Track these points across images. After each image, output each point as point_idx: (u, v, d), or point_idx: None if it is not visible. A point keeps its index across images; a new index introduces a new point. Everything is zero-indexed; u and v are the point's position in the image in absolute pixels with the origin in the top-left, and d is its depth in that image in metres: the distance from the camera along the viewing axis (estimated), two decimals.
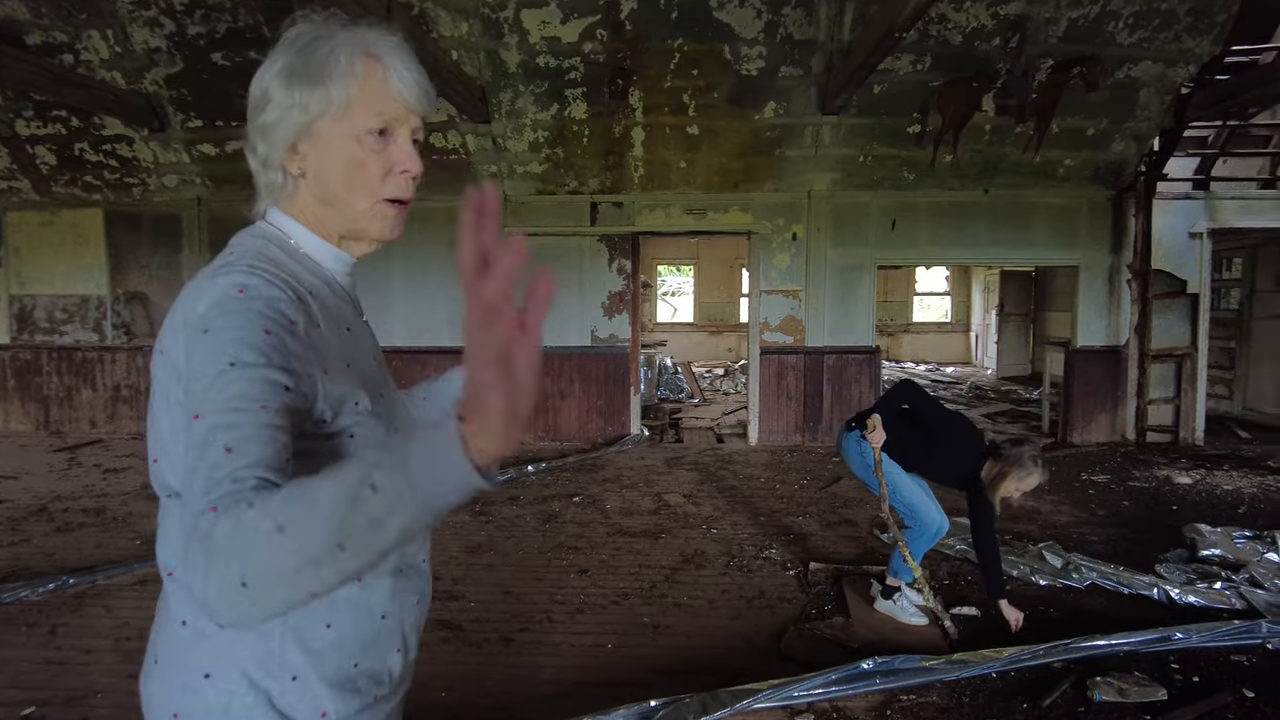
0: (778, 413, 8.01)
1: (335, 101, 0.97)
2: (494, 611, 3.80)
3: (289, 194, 1.02)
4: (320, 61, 0.97)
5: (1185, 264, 7.94)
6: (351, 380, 0.98)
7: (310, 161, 1.00)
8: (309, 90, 0.96)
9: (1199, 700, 2.87)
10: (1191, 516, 5.27)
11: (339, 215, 1.03)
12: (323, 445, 0.94)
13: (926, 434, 3.54)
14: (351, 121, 0.98)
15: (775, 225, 7.88)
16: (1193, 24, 6.44)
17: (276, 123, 0.98)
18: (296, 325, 0.90)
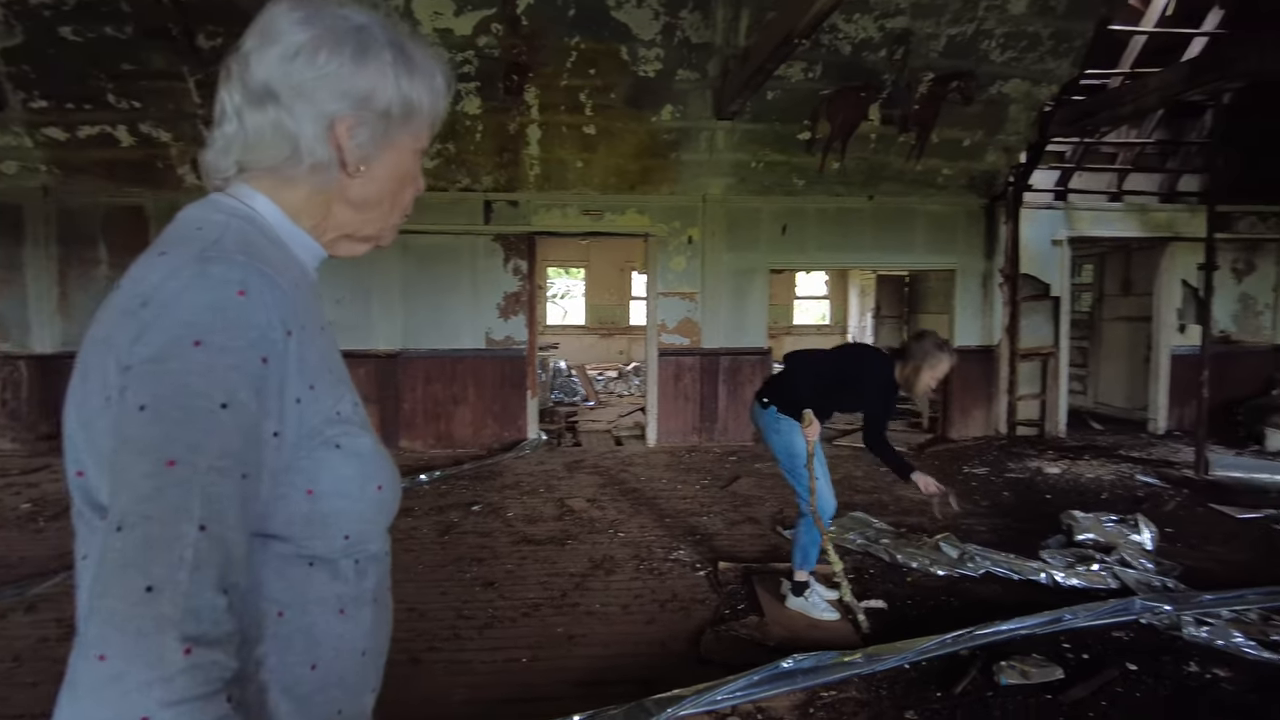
0: (675, 414, 8.04)
1: (424, 110, 0.93)
2: (397, 631, 3.53)
3: (296, 176, 0.88)
4: (420, 62, 0.92)
5: (1048, 269, 8.53)
6: (335, 385, 0.86)
7: (378, 161, 0.91)
8: (410, 83, 0.90)
9: (1091, 676, 3.03)
10: (1064, 504, 5.63)
11: (363, 219, 0.95)
12: (302, 461, 0.81)
13: (840, 381, 3.64)
14: (420, 135, 0.95)
15: (672, 228, 7.91)
16: (1055, 47, 6.91)
17: (344, 93, 0.86)
18: (291, 337, 0.79)
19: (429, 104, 0.93)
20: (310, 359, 0.82)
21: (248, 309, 0.74)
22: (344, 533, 0.85)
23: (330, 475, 0.83)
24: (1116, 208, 8.66)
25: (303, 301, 0.83)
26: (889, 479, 6.54)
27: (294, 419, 0.79)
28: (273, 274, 0.78)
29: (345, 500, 0.84)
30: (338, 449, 0.84)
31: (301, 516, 0.81)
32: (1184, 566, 4.32)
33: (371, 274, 7.60)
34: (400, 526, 5.15)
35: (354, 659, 0.89)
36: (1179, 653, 3.28)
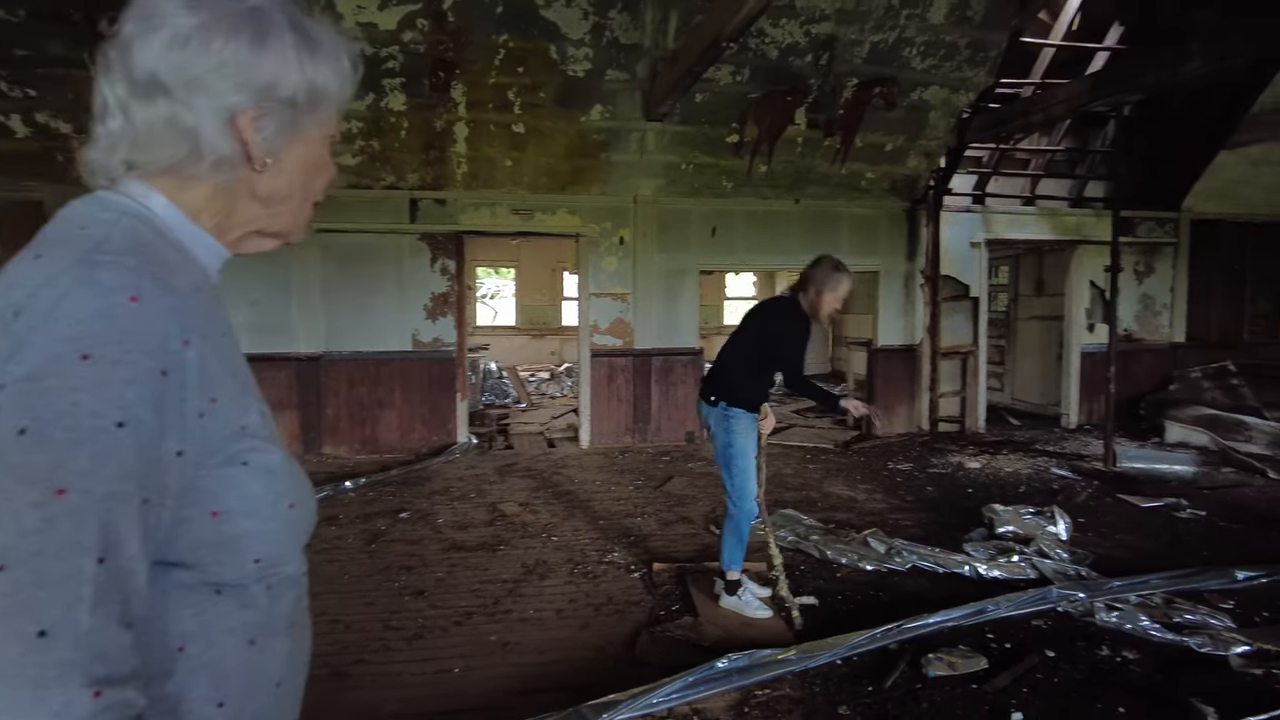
0: (608, 415, 8.02)
1: (332, 95, 0.87)
2: (322, 644, 3.44)
3: (197, 174, 0.81)
4: (325, 44, 0.86)
5: (967, 270, 8.83)
6: (240, 396, 0.80)
7: (286, 153, 0.85)
8: (315, 67, 0.84)
9: (1013, 665, 3.13)
10: (984, 497, 5.83)
11: (271, 214, 0.89)
12: (206, 481, 0.75)
13: (761, 348, 3.70)
14: (329, 121, 0.89)
15: (603, 228, 7.88)
16: (971, 56, 7.15)
17: (245, 83, 0.79)
18: (191, 346, 0.72)
19: (337, 88, 0.88)
20: (213, 369, 0.75)
21: (142, 317, 0.68)
22: (254, 556, 0.79)
23: (238, 495, 0.77)
24: (1030, 211, 9.03)
25: (203, 307, 0.77)
26: (816, 476, 6.68)
27: (197, 435, 0.73)
28: (168, 278, 0.72)
29: (255, 521, 0.79)
30: (245, 466, 0.78)
31: (207, 541, 0.75)
32: (1096, 555, 4.52)
33: (290, 273, 7.34)
34: (325, 536, 4.98)
35: (268, 692, 0.83)
36: (1092, 638, 3.42)
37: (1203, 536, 4.99)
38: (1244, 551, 4.64)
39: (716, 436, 3.74)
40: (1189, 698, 2.83)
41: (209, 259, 0.86)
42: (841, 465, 7.23)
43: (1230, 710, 2.74)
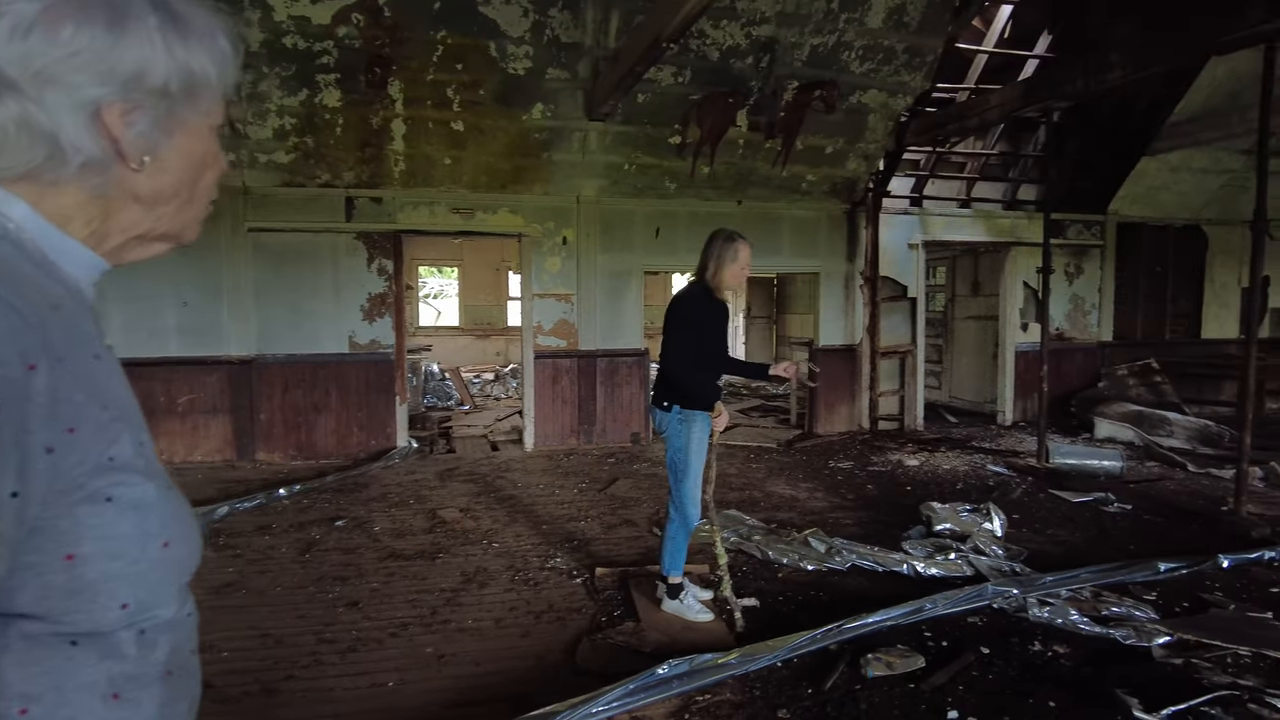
0: (553, 416, 7.94)
1: (212, 80, 0.79)
2: (251, 659, 3.32)
3: (62, 179, 0.72)
4: (195, 24, 0.77)
5: (905, 271, 8.99)
6: (107, 425, 0.72)
7: (167, 148, 0.77)
8: (187, 51, 0.76)
9: (949, 663, 3.18)
10: (923, 495, 5.94)
11: (157, 216, 0.81)
12: (58, 522, 0.68)
13: (710, 350, 3.70)
14: (213, 109, 0.81)
15: (546, 228, 7.80)
16: (909, 61, 7.27)
17: (107, 74, 0.70)
18: (38, 371, 0.64)
19: (216, 72, 0.79)
20: (70, 396, 0.67)
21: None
22: (120, 601, 0.71)
23: (97, 535, 0.69)
24: (966, 214, 9.24)
25: (63, 327, 0.69)
26: (759, 476, 6.71)
27: (43, 472, 0.65)
28: (8, 296, 0.64)
29: (120, 562, 0.71)
30: (109, 503, 0.70)
31: (59, 588, 0.68)
32: (1029, 551, 4.63)
33: (221, 274, 7.09)
34: (257, 546, 4.82)
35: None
36: (1025, 633, 3.49)
37: (1129, 530, 5.16)
38: (1166, 543, 4.81)
39: (671, 440, 3.69)
40: (1115, 690, 2.91)
41: (81, 271, 0.77)
42: (784, 464, 7.28)
43: (1152, 701, 2.82)
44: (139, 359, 6.90)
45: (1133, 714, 2.75)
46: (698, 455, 3.62)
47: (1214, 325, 10.21)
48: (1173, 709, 2.77)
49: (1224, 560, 4.32)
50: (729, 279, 3.68)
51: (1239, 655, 3.24)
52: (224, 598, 4.01)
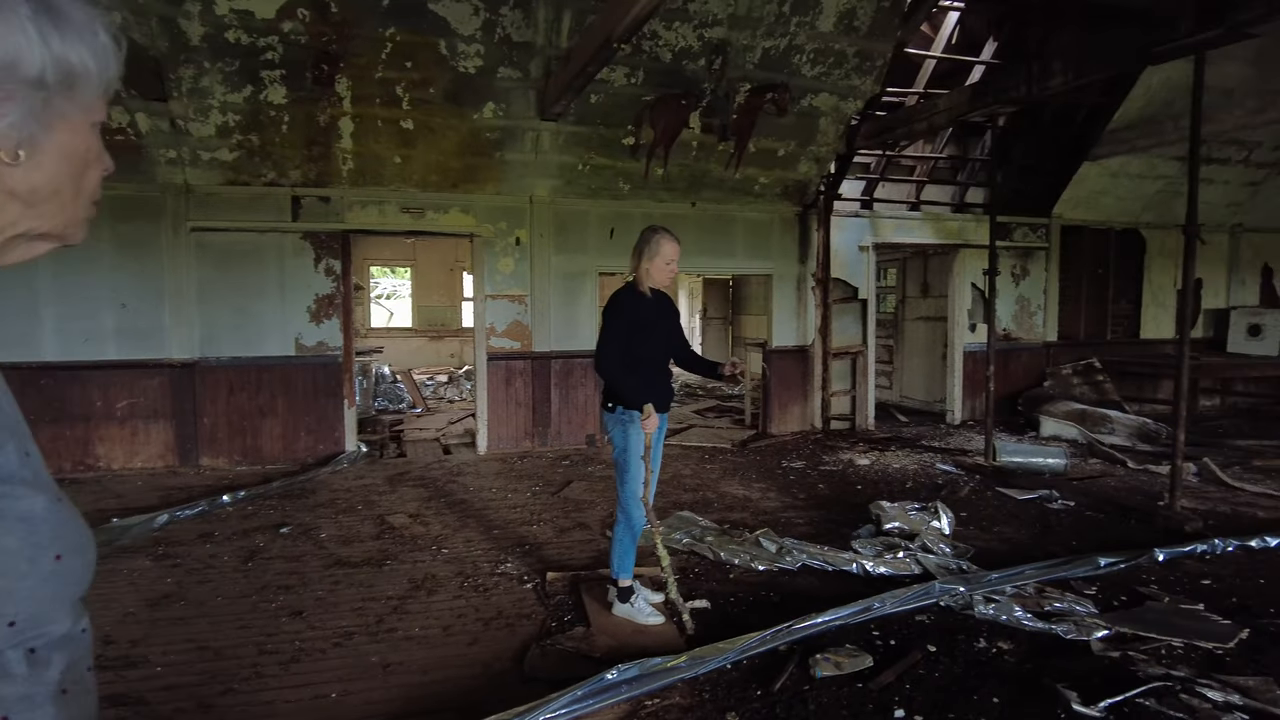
0: (507, 419, 7.86)
1: (92, 74, 0.76)
2: (187, 674, 3.21)
3: None
4: (72, 16, 0.74)
5: (856, 273, 9.11)
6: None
7: (44, 142, 0.75)
8: (64, 43, 0.73)
9: (897, 661, 3.21)
10: (873, 494, 6.01)
11: (38, 214, 0.77)
12: None
13: (644, 344, 3.67)
14: (94, 105, 0.79)
15: (499, 229, 7.72)
16: (859, 65, 7.36)
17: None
18: None
19: (96, 66, 0.77)
20: None
21: None
22: (8, 619, 0.68)
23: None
24: (915, 216, 9.39)
25: None
26: (713, 477, 6.73)
27: None
28: None
29: (6, 579, 0.67)
30: None
31: None
32: (976, 548, 4.71)
33: (162, 274, 6.87)
34: (197, 555, 4.67)
35: None
36: (971, 631, 3.54)
37: (1071, 526, 5.29)
38: (1106, 539, 4.94)
39: (613, 441, 3.69)
40: (1056, 684, 2.96)
41: None
42: (738, 465, 7.31)
43: (1091, 694, 2.88)
44: (74, 363, 6.68)
45: (1072, 708, 2.81)
46: (636, 456, 3.60)
47: (1152, 326, 10.54)
48: (1109, 701, 2.83)
49: (1159, 554, 4.45)
50: (655, 274, 3.66)
51: (1172, 647, 3.33)
52: (161, 610, 3.88)
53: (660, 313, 3.79)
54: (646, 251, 3.64)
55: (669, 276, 3.72)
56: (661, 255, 3.64)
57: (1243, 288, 11.03)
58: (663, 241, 3.65)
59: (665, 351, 3.84)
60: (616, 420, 3.64)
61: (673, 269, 3.70)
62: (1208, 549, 4.59)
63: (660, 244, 3.64)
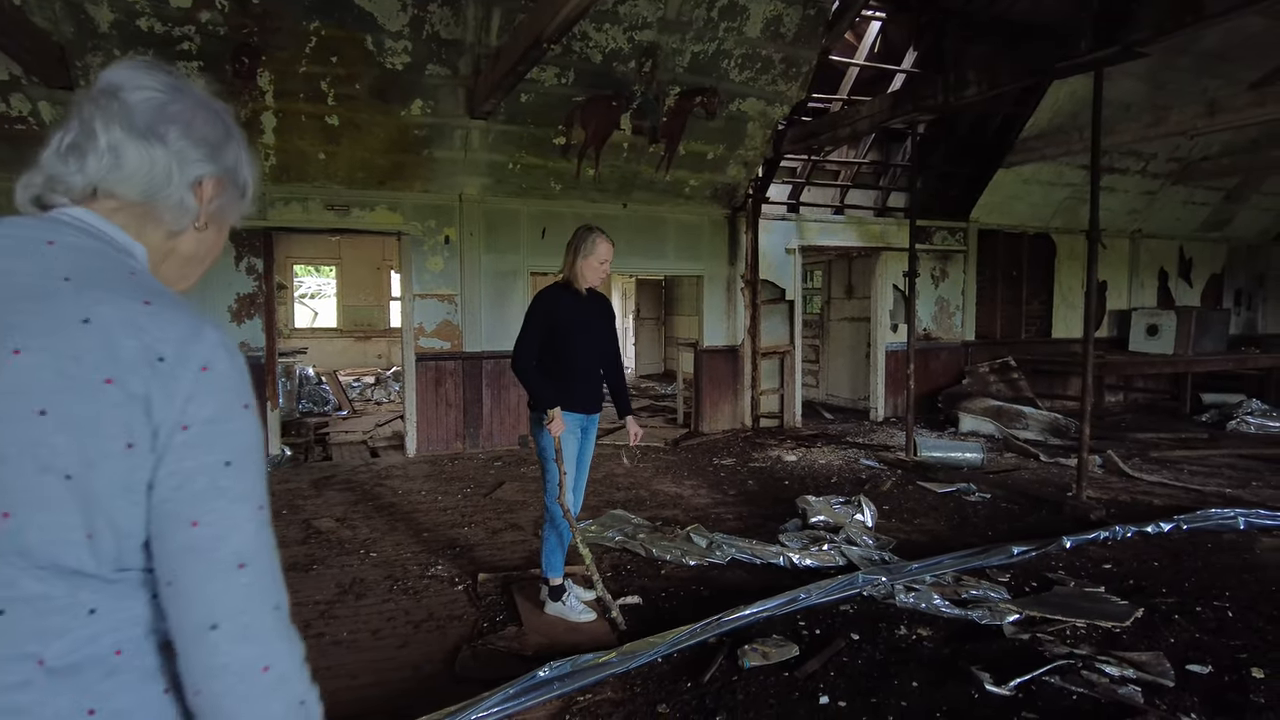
0: (436, 421, 7.76)
1: (250, 194, 1.09)
2: None
3: (158, 215, 0.97)
4: (248, 153, 1.08)
5: (784, 275, 9.31)
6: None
7: (216, 224, 1.04)
8: (249, 169, 1.07)
9: (822, 650, 3.31)
10: (800, 489, 6.16)
11: (181, 274, 1.04)
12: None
13: (562, 343, 3.65)
14: (240, 214, 1.09)
15: (427, 227, 7.62)
16: (785, 70, 7.53)
17: (215, 159, 1.00)
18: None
19: (253, 190, 1.08)
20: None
21: (244, 367, 0.90)
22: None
23: None
24: (840, 220, 9.65)
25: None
26: (646, 475, 6.79)
27: None
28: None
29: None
30: None
31: None
32: (898, 540, 4.89)
33: None
34: None
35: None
36: (892, 619, 3.68)
37: (987, 517, 5.53)
38: (1019, 528, 5.19)
39: (534, 440, 3.74)
40: (970, 666, 3.11)
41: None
42: (670, 463, 7.39)
43: (1002, 674, 3.03)
44: None
45: (985, 687, 2.95)
46: (547, 453, 3.62)
47: (1062, 325, 11.07)
48: (1018, 680, 2.98)
49: (1067, 542, 4.70)
50: (588, 273, 3.68)
51: (1076, 627, 3.52)
52: None
53: (594, 313, 3.79)
54: (581, 249, 3.65)
55: (600, 276, 3.73)
56: (596, 255, 3.66)
57: (1142, 290, 11.70)
58: (598, 241, 3.66)
59: (595, 353, 3.81)
60: (536, 420, 3.65)
61: (605, 269, 3.72)
62: (1109, 535, 4.87)
63: (595, 243, 3.66)
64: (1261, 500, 5.81)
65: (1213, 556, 4.63)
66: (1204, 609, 3.81)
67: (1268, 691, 2.98)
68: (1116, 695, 2.87)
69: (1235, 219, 12.21)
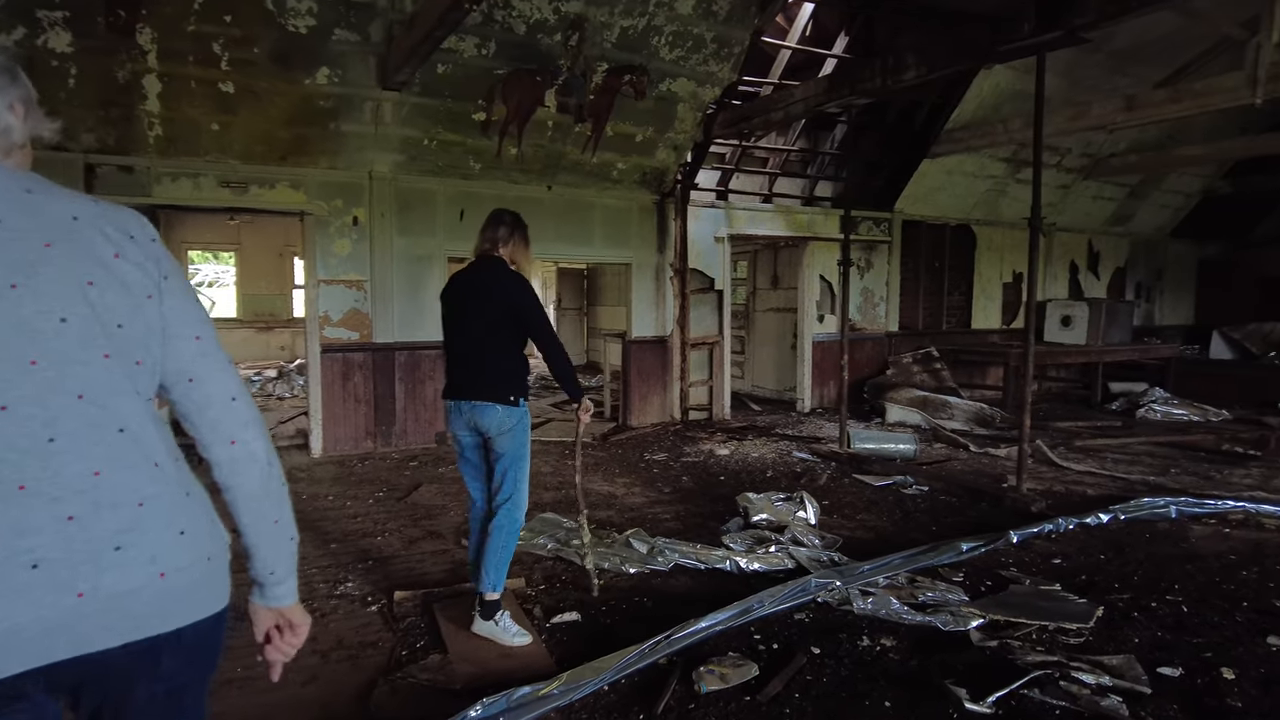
0: (345, 418, 7.17)
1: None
2: None
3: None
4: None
5: (712, 264, 9.06)
6: None
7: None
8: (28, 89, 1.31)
9: (783, 667, 3.02)
10: (736, 485, 5.92)
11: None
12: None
13: (458, 325, 3.46)
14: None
15: (333, 207, 7.01)
16: (717, 51, 7.25)
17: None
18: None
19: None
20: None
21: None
22: None
23: None
24: (768, 209, 9.46)
25: None
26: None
27: None
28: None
29: None
30: None
31: None
32: (843, 538, 4.68)
33: None
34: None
35: None
36: (851, 627, 3.43)
37: (929, 511, 5.39)
38: (963, 522, 5.07)
39: (514, 437, 3.45)
40: (944, 681, 2.88)
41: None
42: (600, 459, 7.04)
43: (978, 688, 2.81)
44: None
45: (964, 705, 2.72)
46: (528, 454, 3.48)
47: (982, 316, 11.25)
48: (997, 695, 2.77)
49: (1014, 536, 4.58)
50: (526, 265, 3.56)
51: (1043, 628, 3.36)
52: None
53: (471, 293, 3.59)
54: (527, 241, 3.57)
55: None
56: (531, 248, 3.60)
57: (1055, 282, 12.01)
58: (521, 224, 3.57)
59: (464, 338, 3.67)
60: (520, 416, 3.36)
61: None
62: (1053, 528, 4.78)
63: (525, 229, 3.59)
64: (1184, 487, 5.88)
65: (1153, 547, 4.59)
66: (1159, 604, 3.72)
67: (1242, 694, 2.86)
68: (1100, 708, 2.68)
69: (1137, 215, 12.69)
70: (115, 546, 1.05)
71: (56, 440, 1.01)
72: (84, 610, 1.02)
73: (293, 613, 1.35)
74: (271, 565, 1.30)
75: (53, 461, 1.01)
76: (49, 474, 1.01)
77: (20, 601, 0.98)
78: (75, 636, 1.03)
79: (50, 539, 1.00)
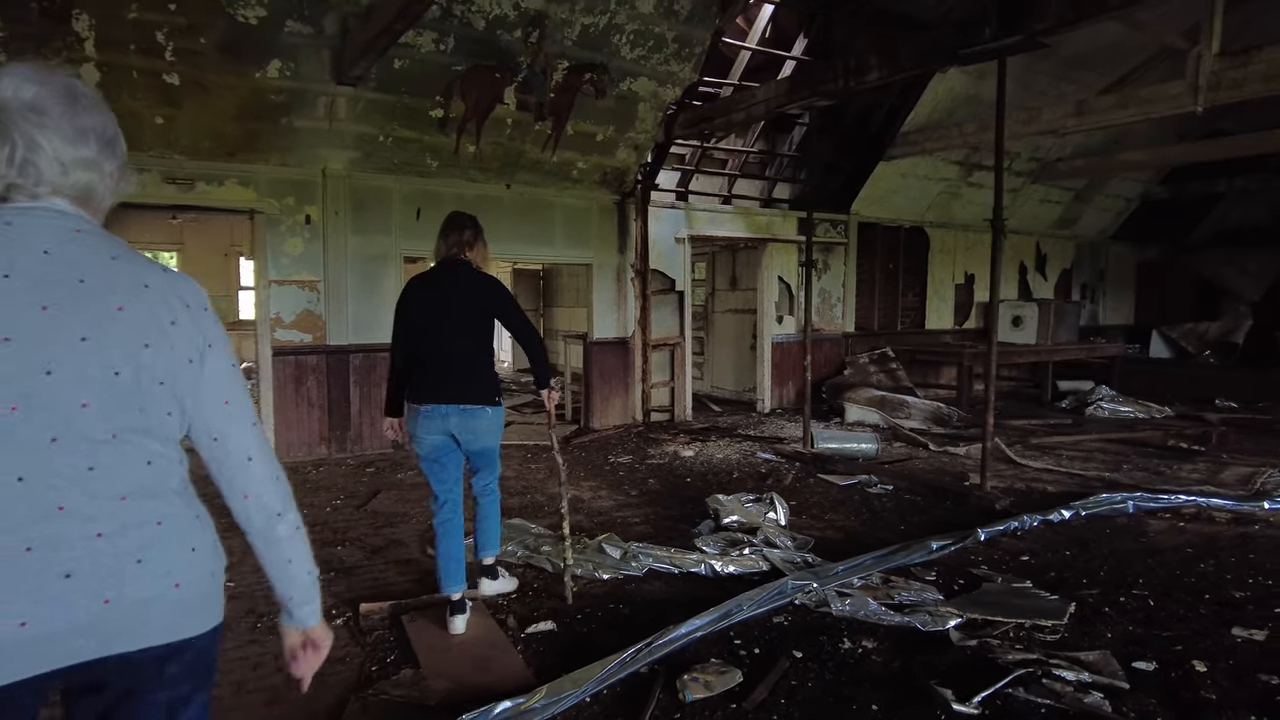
0: (297, 423, 6.94)
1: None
2: None
3: (89, 206, 1.30)
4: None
5: (673, 265, 9.03)
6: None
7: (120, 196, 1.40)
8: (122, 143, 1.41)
9: (767, 673, 2.97)
10: (703, 486, 5.88)
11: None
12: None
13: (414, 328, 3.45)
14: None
15: (285, 205, 6.77)
16: (678, 51, 7.21)
17: (112, 155, 1.31)
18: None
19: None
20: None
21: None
22: None
23: None
24: (727, 210, 9.46)
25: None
26: (540, 477, 6.30)
27: None
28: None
29: None
30: None
31: None
32: (814, 538, 4.66)
33: None
34: None
35: None
36: (831, 630, 3.40)
37: (896, 510, 5.42)
38: (929, 520, 5.11)
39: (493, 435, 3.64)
40: (929, 683, 2.86)
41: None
42: (564, 462, 6.92)
43: (963, 689, 2.80)
44: None
45: (951, 706, 2.70)
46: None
47: (935, 317, 11.43)
48: (982, 695, 2.76)
49: (981, 534, 4.62)
50: (486, 265, 3.60)
51: (1019, 626, 3.38)
52: None
53: (428, 297, 3.62)
54: (486, 243, 3.61)
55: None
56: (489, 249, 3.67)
57: (1006, 283, 12.27)
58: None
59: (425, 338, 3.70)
60: (502, 413, 3.57)
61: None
62: (1019, 525, 4.84)
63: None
64: (1137, 483, 6.03)
65: (1115, 542, 4.68)
66: (1126, 599, 3.78)
67: (1215, 687, 2.91)
68: (1084, 705, 2.69)
69: (1082, 218, 13.06)
70: (137, 560, 1.19)
71: (95, 470, 1.16)
72: (110, 615, 1.16)
73: (315, 632, 1.45)
74: (289, 594, 1.41)
75: (90, 487, 1.15)
76: (86, 498, 1.15)
77: (55, 607, 1.11)
78: (102, 638, 1.16)
79: (81, 553, 1.14)
